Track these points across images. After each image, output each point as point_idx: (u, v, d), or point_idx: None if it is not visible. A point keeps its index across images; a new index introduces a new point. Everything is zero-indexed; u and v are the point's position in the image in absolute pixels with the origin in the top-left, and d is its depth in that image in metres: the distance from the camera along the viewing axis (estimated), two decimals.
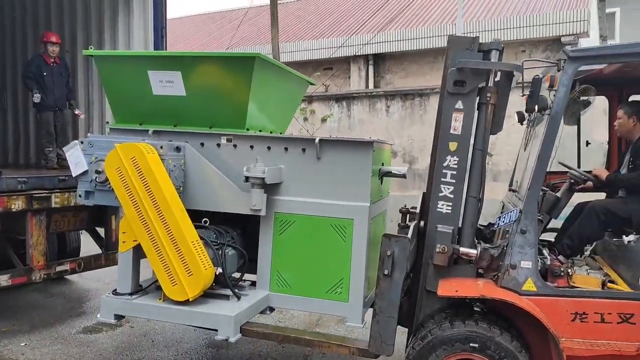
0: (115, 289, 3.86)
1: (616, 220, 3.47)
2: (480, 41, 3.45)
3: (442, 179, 3.47)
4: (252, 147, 3.88)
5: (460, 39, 3.57)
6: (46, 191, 4.76)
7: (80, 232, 6.52)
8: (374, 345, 3.39)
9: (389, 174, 4.05)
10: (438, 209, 3.48)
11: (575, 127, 4.41)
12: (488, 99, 3.43)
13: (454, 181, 3.46)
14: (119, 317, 3.83)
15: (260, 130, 4.23)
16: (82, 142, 3.93)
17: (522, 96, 3.44)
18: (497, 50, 3.43)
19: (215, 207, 3.86)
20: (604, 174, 3.68)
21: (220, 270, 3.64)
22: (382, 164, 4.03)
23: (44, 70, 6.41)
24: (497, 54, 3.43)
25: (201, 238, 3.63)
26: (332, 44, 12.53)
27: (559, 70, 3.27)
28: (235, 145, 3.91)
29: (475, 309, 3.49)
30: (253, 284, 4.03)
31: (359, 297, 3.66)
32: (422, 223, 3.59)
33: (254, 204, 3.65)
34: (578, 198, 3.90)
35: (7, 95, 7.56)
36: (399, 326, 3.51)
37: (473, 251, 3.37)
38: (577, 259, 3.74)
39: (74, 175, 3.96)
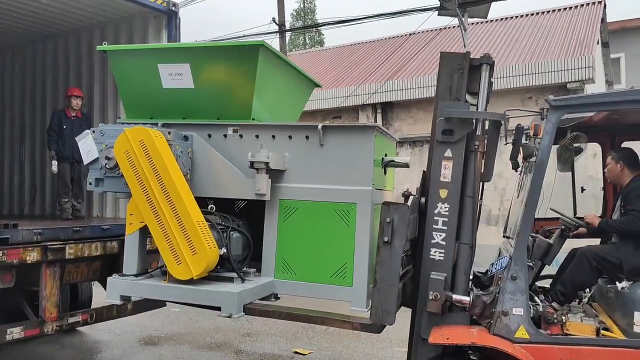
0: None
1: (607, 266, 3.46)
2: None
3: (434, 226, 3.53)
4: (257, 136, 4.00)
5: (452, 55, 3.71)
6: (61, 242, 4.78)
7: (92, 282, 6.57)
8: (375, 315, 3.37)
9: (391, 162, 4.10)
10: (430, 256, 3.51)
11: (592, 173, 4.46)
12: (476, 147, 3.53)
13: (445, 228, 3.51)
14: (125, 299, 3.89)
15: None
16: (93, 132, 4.10)
17: (506, 144, 3.53)
18: (487, 65, 3.56)
19: (221, 193, 3.96)
20: (596, 220, 3.71)
21: (224, 250, 3.70)
22: (386, 155, 4.09)
23: (64, 123, 6.69)
24: (487, 68, 3.56)
25: (207, 220, 3.72)
26: (341, 93, 12.82)
27: (542, 119, 3.36)
28: (241, 136, 4.05)
29: (473, 357, 3.47)
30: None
31: (363, 281, 3.65)
32: (422, 200, 3.60)
33: (259, 188, 3.73)
34: (573, 243, 3.92)
35: (25, 148, 7.84)
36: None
37: (466, 298, 3.38)
38: (575, 305, 3.71)
39: (85, 162, 4.11)
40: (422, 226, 3.57)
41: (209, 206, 3.94)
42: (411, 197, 3.69)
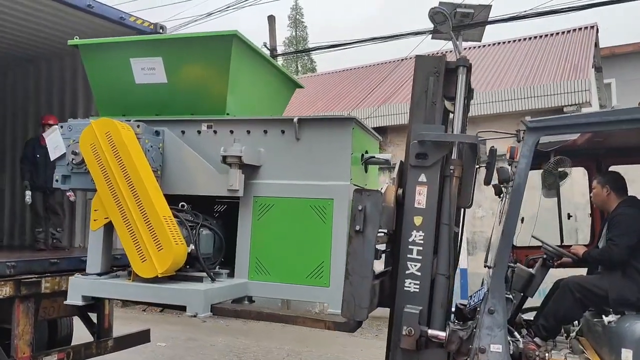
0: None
1: (592, 298, 3.24)
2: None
3: (409, 255, 3.30)
4: (231, 131, 3.85)
5: (427, 58, 3.57)
6: (36, 276, 4.55)
7: (72, 318, 6.28)
8: (347, 310, 3.11)
9: (372, 159, 3.93)
10: (405, 288, 3.29)
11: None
12: (452, 171, 3.34)
13: (420, 257, 3.29)
14: (87, 299, 3.70)
15: None
16: (61, 127, 3.97)
17: (479, 168, 3.34)
18: (464, 67, 3.40)
19: (193, 190, 3.81)
20: (581, 250, 3.51)
21: (192, 247, 3.51)
22: (366, 152, 3.92)
23: (37, 152, 6.51)
24: (464, 70, 3.40)
25: (175, 217, 3.55)
26: None
27: (519, 142, 3.18)
28: (215, 132, 3.91)
29: None
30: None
31: (341, 281, 3.40)
32: (399, 191, 3.39)
33: (231, 184, 3.57)
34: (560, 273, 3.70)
35: (6, 177, 7.65)
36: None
37: (442, 333, 3.15)
38: (562, 340, 3.48)
39: (52, 158, 3.97)
40: (400, 220, 3.35)
41: (180, 204, 3.78)
42: (386, 185, 3.51)
